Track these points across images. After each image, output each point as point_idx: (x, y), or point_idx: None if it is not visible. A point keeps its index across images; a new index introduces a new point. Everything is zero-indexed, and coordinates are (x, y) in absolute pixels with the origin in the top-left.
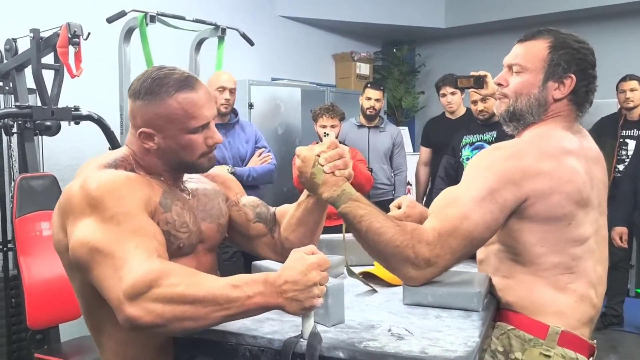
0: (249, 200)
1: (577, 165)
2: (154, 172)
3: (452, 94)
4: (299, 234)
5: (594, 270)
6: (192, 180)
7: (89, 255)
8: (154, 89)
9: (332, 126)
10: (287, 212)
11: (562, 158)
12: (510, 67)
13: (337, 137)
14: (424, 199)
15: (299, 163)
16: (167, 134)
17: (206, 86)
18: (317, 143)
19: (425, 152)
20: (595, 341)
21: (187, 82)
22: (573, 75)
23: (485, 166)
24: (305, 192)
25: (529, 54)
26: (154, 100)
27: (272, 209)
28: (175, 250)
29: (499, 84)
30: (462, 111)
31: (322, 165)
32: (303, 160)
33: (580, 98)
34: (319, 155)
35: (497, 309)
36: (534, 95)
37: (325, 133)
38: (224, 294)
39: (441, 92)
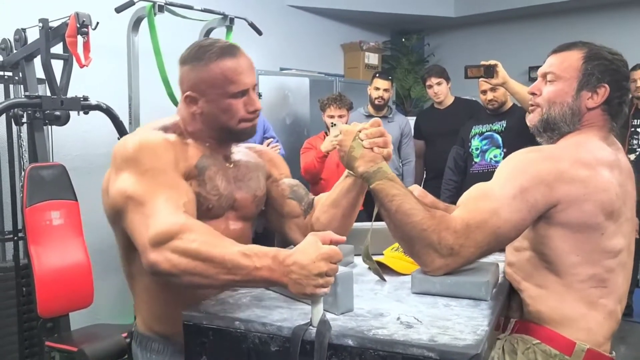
0: (290, 180)
1: (611, 177)
2: (200, 138)
3: (438, 84)
4: (329, 215)
5: (622, 284)
6: (239, 153)
7: (124, 202)
8: (199, 55)
9: (340, 116)
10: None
11: (597, 168)
12: (544, 76)
13: None
14: None
15: (341, 136)
16: (209, 97)
17: (248, 56)
18: (326, 133)
19: (418, 144)
20: (614, 353)
21: (229, 50)
22: (607, 85)
23: (519, 166)
24: (344, 174)
25: (563, 64)
26: (199, 65)
27: (313, 195)
28: (205, 212)
29: (533, 93)
30: (450, 100)
31: (362, 140)
32: (344, 134)
33: (614, 109)
34: (360, 131)
35: (520, 320)
36: (568, 104)
37: (332, 123)
38: (233, 259)
39: (427, 83)
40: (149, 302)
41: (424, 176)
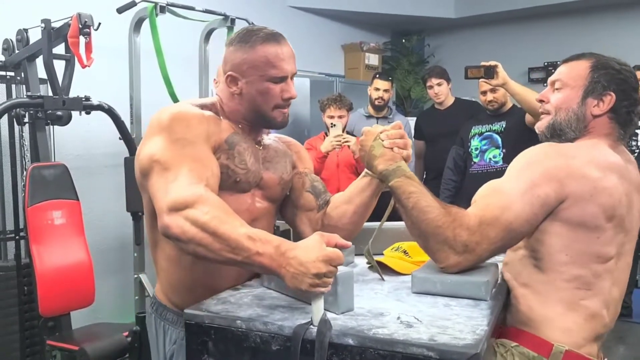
0: (312, 175)
1: (619, 183)
2: (234, 119)
3: (439, 84)
4: (341, 211)
5: (609, 291)
6: (269, 140)
7: (150, 165)
8: (246, 38)
9: (340, 116)
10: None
11: (607, 171)
12: (552, 84)
13: (344, 128)
14: None
15: (362, 137)
16: (249, 79)
17: (291, 46)
18: (326, 134)
19: (418, 144)
20: None
21: (274, 36)
22: (612, 93)
23: (532, 161)
24: (362, 174)
25: (571, 72)
26: (244, 46)
27: (330, 194)
28: (232, 184)
29: (541, 101)
30: (450, 101)
31: (383, 140)
32: (365, 134)
33: (622, 117)
34: (381, 132)
35: (503, 325)
36: (573, 110)
37: (332, 124)
38: (238, 240)
39: (428, 84)
40: (167, 270)
41: (424, 176)
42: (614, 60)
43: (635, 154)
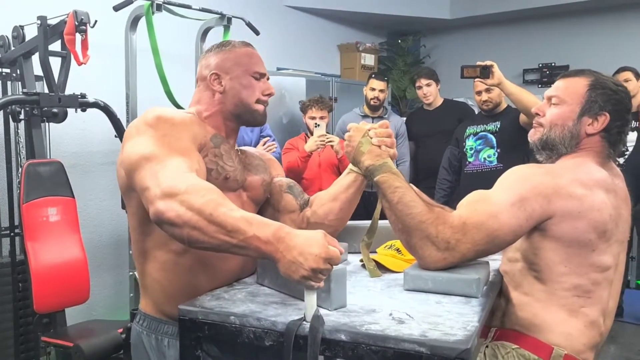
0: (286, 179)
1: (606, 198)
2: (216, 124)
3: (428, 85)
4: (327, 208)
5: (607, 301)
6: (242, 148)
7: (138, 162)
8: (224, 44)
9: (322, 117)
10: (322, 192)
11: (594, 188)
12: (549, 98)
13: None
14: None
15: (350, 132)
16: (233, 74)
17: None
18: (306, 134)
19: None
20: None
21: (248, 43)
22: (607, 114)
23: (521, 177)
24: (345, 171)
25: (569, 89)
26: (224, 49)
27: (307, 195)
28: (223, 182)
29: (537, 113)
30: (439, 102)
31: (371, 138)
32: (354, 130)
33: (613, 137)
34: (369, 130)
35: (501, 327)
36: (568, 127)
37: (316, 124)
38: (234, 222)
39: (417, 84)
40: (162, 280)
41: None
42: (611, 81)
43: (626, 156)
